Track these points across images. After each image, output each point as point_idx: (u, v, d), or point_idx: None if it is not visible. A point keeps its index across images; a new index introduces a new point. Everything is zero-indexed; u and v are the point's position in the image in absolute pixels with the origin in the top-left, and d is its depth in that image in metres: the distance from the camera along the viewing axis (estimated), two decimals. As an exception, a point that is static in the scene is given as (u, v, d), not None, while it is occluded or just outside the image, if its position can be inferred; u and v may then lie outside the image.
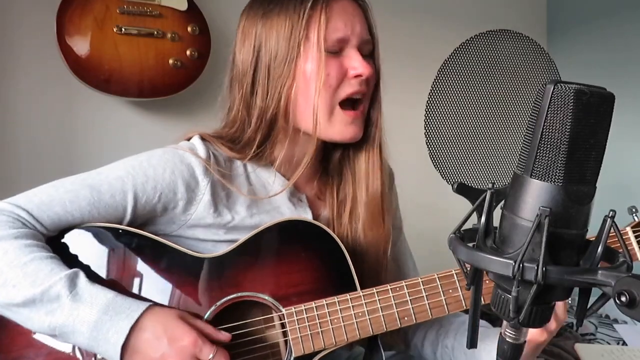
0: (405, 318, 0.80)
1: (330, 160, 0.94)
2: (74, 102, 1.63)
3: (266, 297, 0.79)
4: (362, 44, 0.84)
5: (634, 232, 0.85)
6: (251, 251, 0.81)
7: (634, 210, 0.87)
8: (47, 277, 0.68)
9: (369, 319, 0.79)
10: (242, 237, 0.83)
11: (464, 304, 0.82)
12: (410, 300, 0.81)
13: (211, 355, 0.69)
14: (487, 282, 0.77)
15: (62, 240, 0.77)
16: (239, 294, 0.79)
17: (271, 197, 0.86)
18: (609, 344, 1.63)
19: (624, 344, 1.63)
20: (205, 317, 0.77)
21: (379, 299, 0.80)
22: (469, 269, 0.48)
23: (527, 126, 0.42)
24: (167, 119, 1.74)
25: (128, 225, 0.80)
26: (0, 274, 0.68)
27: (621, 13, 2.17)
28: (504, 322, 0.48)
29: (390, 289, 0.81)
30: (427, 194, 2.24)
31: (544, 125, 0.40)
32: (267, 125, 0.84)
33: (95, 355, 0.73)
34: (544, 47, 2.45)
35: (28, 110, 1.58)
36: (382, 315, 0.80)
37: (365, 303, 0.80)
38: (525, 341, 0.49)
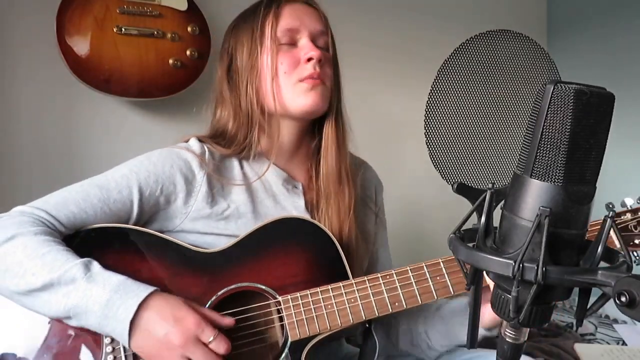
0: (396, 304, 0.84)
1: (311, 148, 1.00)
2: (74, 102, 1.63)
3: (263, 287, 0.83)
4: (315, 35, 0.92)
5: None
6: (250, 246, 0.86)
7: (611, 206, 0.90)
8: (63, 264, 0.73)
9: (361, 304, 0.83)
10: (242, 228, 0.89)
11: (451, 290, 0.85)
12: (399, 286, 0.85)
13: (211, 338, 0.72)
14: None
15: (75, 239, 0.82)
16: (238, 285, 0.83)
17: (258, 178, 0.93)
18: (609, 344, 1.64)
19: (624, 344, 1.63)
20: (206, 307, 0.80)
21: (370, 286, 0.84)
22: (468, 269, 0.48)
23: (527, 126, 0.42)
24: (167, 119, 1.74)
25: (136, 221, 0.86)
26: (20, 265, 0.73)
27: (621, 13, 2.17)
28: (504, 322, 0.48)
29: (381, 276, 0.85)
30: (426, 194, 2.24)
31: (544, 125, 0.40)
32: (246, 115, 0.92)
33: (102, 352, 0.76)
34: (544, 47, 2.45)
35: (28, 111, 1.58)
36: (374, 300, 0.84)
37: (357, 290, 0.84)
38: (525, 341, 0.49)
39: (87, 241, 0.82)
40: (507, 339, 0.48)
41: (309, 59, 0.88)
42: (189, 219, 0.88)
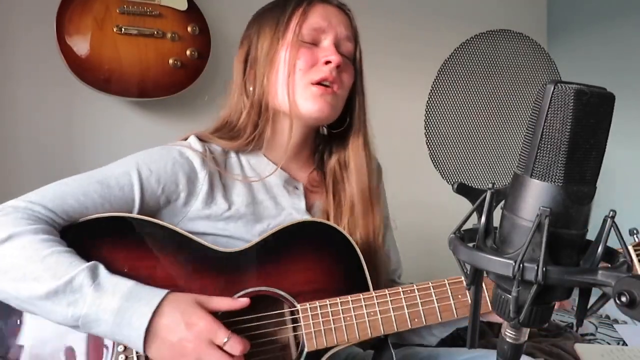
0: (416, 319, 0.82)
1: (324, 153, 1.00)
2: (74, 102, 1.63)
3: (282, 293, 0.81)
4: (340, 40, 0.90)
5: (635, 250, 0.88)
6: (269, 249, 0.84)
7: (635, 231, 0.89)
8: (68, 269, 0.69)
9: (381, 318, 0.82)
10: (242, 228, 0.87)
11: None
12: (420, 302, 0.83)
13: (225, 339, 0.71)
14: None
15: (83, 229, 0.78)
16: (257, 288, 0.80)
17: (264, 178, 0.92)
18: (609, 344, 1.63)
19: (624, 344, 1.63)
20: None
21: (390, 300, 0.83)
22: (469, 269, 0.48)
23: (527, 126, 0.42)
24: (167, 119, 1.74)
25: None
26: (19, 268, 0.69)
27: (621, 13, 2.17)
28: (504, 322, 0.48)
29: (402, 291, 0.83)
30: (427, 194, 2.24)
31: (544, 125, 0.40)
32: (257, 110, 0.91)
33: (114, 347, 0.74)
34: (544, 47, 2.45)
35: (28, 110, 1.58)
36: (393, 315, 0.82)
37: (377, 303, 0.82)
38: (525, 341, 0.49)
39: (101, 230, 0.79)
40: (507, 339, 0.48)
41: (327, 62, 0.87)
42: (188, 218, 0.87)
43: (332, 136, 0.99)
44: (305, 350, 0.79)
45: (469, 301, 0.83)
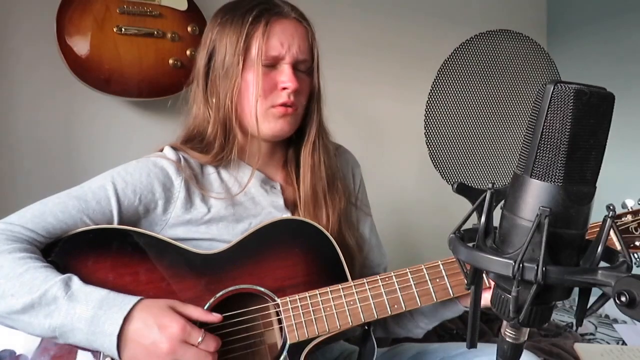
0: (395, 306, 0.84)
1: (289, 148, 1.02)
2: (74, 102, 1.63)
3: (261, 289, 0.83)
4: (297, 61, 0.91)
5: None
6: (248, 248, 0.86)
7: (611, 207, 0.91)
8: (42, 283, 0.72)
9: (360, 306, 0.83)
10: (223, 231, 0.89)
11: (450, 292, 0.86)
12: (399, 288, 0.85)
13: (200, 339, 0.73)
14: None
15: (62, 243, 0.81)
16: (237, 287, 0.82)
17: (244, 189, 0.93)
18: (609, 343, 1.64)
19: (624, 343, 1.64)
20: (205, 309, 0.80)
21: (369, 288, 0.84)
22: (468, 269, 0.48)
23: (527, 126, 0.42)
24: (167, 119, 1.73)
25: None
26: None
27: (621, 13, 2.17)
28: (504, 322, 0.48)
29: (380, 278, 0.85)
30: (427, 194, 2.24)
31: (544, 125, 0.40)
32: (222, 128, 0.92)
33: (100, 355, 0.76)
34: (544, 47, 2.45)
35: (28, 111, 1.58)
36: (373, 303, 0.84)
37: (356, 292, 0.84)
38: (525, 341, 0.49)
39: (85, 242, 0.81)
40: (507, 339, 0.48)
41: (285, 88, 0.89)
42: (169, 225, 0.89)
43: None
44: (288, 342, 0.80)
45: (447, 284, 0.85)
